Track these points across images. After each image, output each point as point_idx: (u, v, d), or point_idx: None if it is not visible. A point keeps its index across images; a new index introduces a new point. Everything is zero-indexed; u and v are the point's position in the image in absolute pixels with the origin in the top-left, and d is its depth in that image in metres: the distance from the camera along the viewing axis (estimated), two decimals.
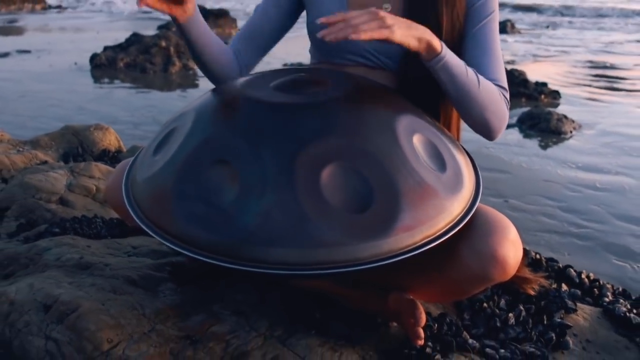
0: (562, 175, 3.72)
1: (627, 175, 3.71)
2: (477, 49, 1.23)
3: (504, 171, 3.74)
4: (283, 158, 0.89)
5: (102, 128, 2.56)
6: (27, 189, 1.69)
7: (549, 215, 3.10)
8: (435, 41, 1.10)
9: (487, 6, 1.25)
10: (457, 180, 0.98)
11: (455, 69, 1.12)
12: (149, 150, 1.05)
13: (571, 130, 4.66)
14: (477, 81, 1.15)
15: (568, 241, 2.81)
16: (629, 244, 2.78)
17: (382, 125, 0.96)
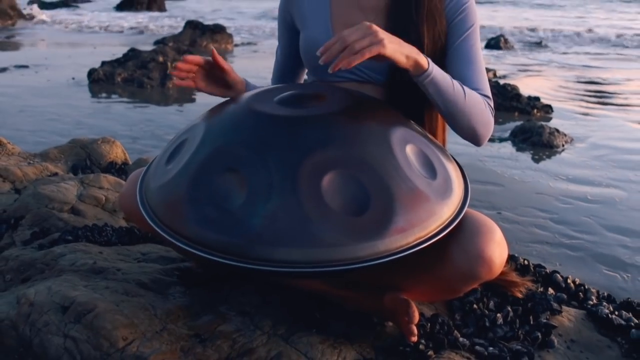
0: (554, 187, 3.79)
1: (617, 188, 3.79)
2: (460, 62, 1.32)
3: (497, 184, 3.81)
4: (287, 166, 0.97)
5: (109, 141, 2.63)
6: (40, 199, 1.76)
7: (541, 226, 3.17)
8: (422, 58, 1.18)
9: (466, 20, 1.34)
10: (447, 186, 1.06)
11: (442, 83, 1.21)
12: (162, 159, 1.13)
13: (563, 143, 4.74)
14: (463, 93, 1.23)
15: (559, 252, 2.88)
16: (618, 255, 2.85)
17: (378, 136, 1.05)
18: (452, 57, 1.33)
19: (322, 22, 1.40)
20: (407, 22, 1.31)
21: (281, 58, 1.57)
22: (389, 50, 1.11)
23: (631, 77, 8.54)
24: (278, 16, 1.54)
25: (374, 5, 1.38)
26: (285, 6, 1.50)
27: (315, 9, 1.42)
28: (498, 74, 8.35)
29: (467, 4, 1.36)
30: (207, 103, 5.98)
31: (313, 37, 1.40)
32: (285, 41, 1.53)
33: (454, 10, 1.34)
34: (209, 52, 6.13)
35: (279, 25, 1.55)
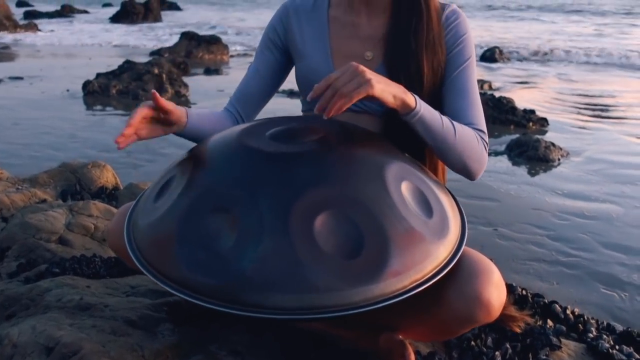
0: (551, 203, 3.77)
1: (613, 203, 3.77)
2: (456, 94, 1.30)
3: (493, 199, 3.79)
4: (279, 206, 0.94)
5: (100, 165, 2.60)
6: (27, 229, 1.72)
7: (538, 243, 3.15)
8: (409, 98, 1.17)
9: (464, 52, 1.33)
10: (443, 225, 1.03)
11: (430, 121, 1.19)
12: (150, 196, 1.10)
13: (559, 157, 4.73)
14: (453, 130, 1.21)
15: (556, 270, 2.86)
16: (616, 273, 2.82)
17: (372, 173, 1.02)
18: (447, 89, 1.32)
19: (321, 52, 1.38)
20: (406, 52, 1.30)
21: (253, 77, 1.49)
22: (377, 91, 1.11)
23: (626, 90, 8.57)
24: (265, 36, 1.50)
25: (372, 35, 1.37)
26: (278, 30, 1.47)
27: (314, 38, 1.40)
28: (493, 86, 8.36)
29: (464, 35, 1.34)
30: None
31: (312, 67, 1.39)
32: (265, 62, 1.48)
33: (452, 42, 1.33)
34: (205, 63, 6.14)
35: (264, 45, 1.49)
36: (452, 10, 1.36)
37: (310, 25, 1.42)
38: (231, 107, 1.50)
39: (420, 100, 1.20)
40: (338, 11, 1.41)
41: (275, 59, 1.47)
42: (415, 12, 1.32)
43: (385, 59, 1.33)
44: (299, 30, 1.42)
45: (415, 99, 1.19)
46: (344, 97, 1.09)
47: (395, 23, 1.34)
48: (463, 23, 1.36)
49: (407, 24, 1.32)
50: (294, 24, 1.43)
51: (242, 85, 1.50)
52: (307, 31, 1.41)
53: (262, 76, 1.48)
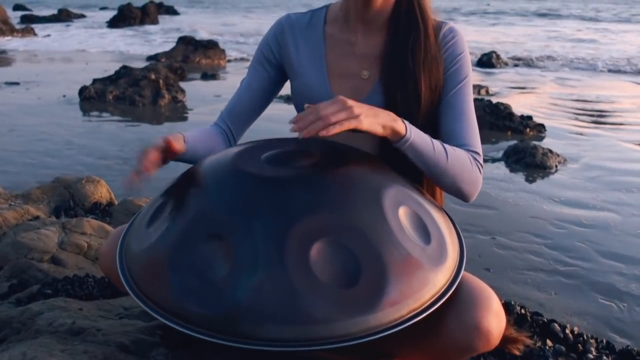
0: (548, 210, 3.76)
1: (611, 211, 3.77)
2: (451, 115, 1.29)
3: (491, 207, 3.77)
4: (274, 234, 0.92)
5: (94, 181, 2.57)
6: (19, 249, 1.70)
7: (536, 253, 3.14)
8: (398, 125, 1.16)
9: (460, 72, 1.31)
10: (441, 251, 1.01)
11: (421, 147, 1.19)
12: (143, 221, 1.08)
13: (556, 164, 4.73)
14: (445, 154, 1.20)
15: (554, 280, 2.84)
16: (614, 283, 2.81)
17: (369, 198, 1.00)
18: (443, 109, 1.30)
19: (317, 71, 1.37)
20: (403, 71, 1.29)
21: (245, 92, 1.47)
22: (366, 124, 1.11)
23: (623, 95, 8.58)
24: (258, 51, 1.48)
25: (369, 53, 1.35)
26: (272, 46, 1.45)
27: (310, 56, 1.39)
28: (490, 91, 8.36)
29: (461, 54, 1.33)
30: (200, 122, 6.02)
31: (308, 85, 1.38)
32: (258, 78, 1.46)
33: (449, 60, 1.32)
34: (202, 68, 6.13)
35: (257, 61, 1.47)
36: (449, 29, 1.34)
37: (306, 42, 1.40)
38: (221, 123, 1.49)
39: (410, 127, 1.18)
40: (334, 29, 1.40)
41: (268, 75, 1.45)
42: (413, 30, 1.30)
43: (381, 78, 1.32)
44: (295, 47, 1.41)
45: (406, 125, 1.18)
46: (329, 124, 1.07)
47: (392, 41, 1.32)
48: (460, 42, 1.34)
49: (404, 42, 1.30)
50: (289, 41, 1.42)
51: (234, 100, 1.48)
52: (302, 49, 1.40)
53: (254, 91, 1.46)
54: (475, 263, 2.98)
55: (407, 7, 1.33)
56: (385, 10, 1.34)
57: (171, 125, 6.22)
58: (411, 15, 1.32)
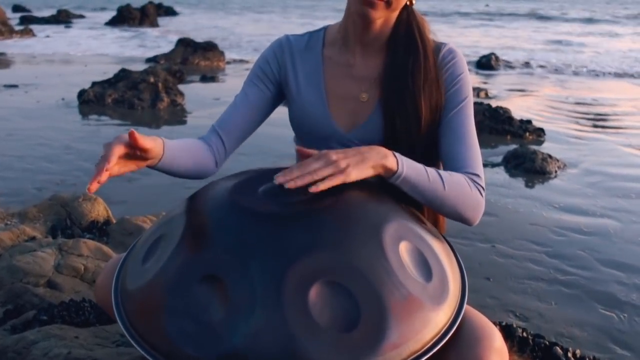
0: (548, 217, 3.76)
1: (611, 218, 3.76)
2: (452, 136, 1.27)
3: (490, 214, 3.76)
4: (271, 275, 0.90)
5: (91, 199, 2.55)
6: (15, 273, 1.68)
7: (536, 261, 3.13)
8: (389, 162, 1.14)
9: (460, 93, 1.30)
10: (443, 288, 0.99)
11: (415, 180, 1.16)
12: (139, 255, 1.06)
13: (556, 169, 4.72)
14: (441, 183, 1.18)
15: (555, 289, 2.84)
16: (614, 292, 2.80)
17: (368, 235, 0.98)
18: (443, 130, 1.29)
19: (316, 94, 1.36)
20: (403, 93, 1.27)
21: (243, 107, 1.42)
22: (354, 177, 1.08)
23: (623, 97, 8.58)
24: (257, 67, 1.44)
25: (368, 75, 1.34)
26: (271, 64, 1.42)
27: (309, 79, 1.37)
28: (490, 94, 8.36)
29: (461, 74, 1.32)
30: (199, 125, 5.97)
31: (307, 109, 1.36)
32: (255, 93, 1.42)
33: (449, 81, 1.30)
34: (201, 69, 6.08)
35: (255, 76, 1.43)
36: (449, 50, 1.33)
37: (304, 65, 1.39)
38: (213, 136, 1.41)
39: (402, 160, 1.16)
40: (332, 51, 1.39)
41: (266, 92, 1.42)
42: (412, 52, 1.29)
43: (381, 100, 1.31)
44: (293, 69, 1.39)
45: (397, 159, 1.15)
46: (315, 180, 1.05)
47: (391, 64, 1.31)
48: (460, 62, 1.33)
49: (403, 64, 1.29)
50: (288, 62, 1.40)
51: (229, 114, 1.42)
52: (301, 71, 1.39)
53: (252, 107, 1.42)
54: (475, 272, 2.97)
55: (406, 30, 1.32)
56: (384, 32, 1.33)
57: (170, 128, 6.21)
58: (410, 38, 1.31)
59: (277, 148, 4.86)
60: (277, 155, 4.85)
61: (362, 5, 1.24)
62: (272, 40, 1.48)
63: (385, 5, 1.24)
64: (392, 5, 1.25)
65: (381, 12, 1.25)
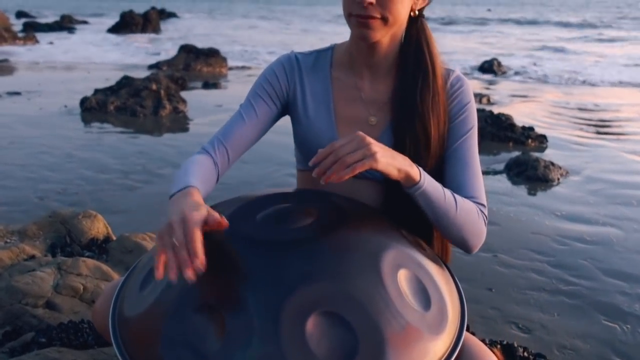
0: (550, 226, 3.74)
1: (614, 226, 3.75)
2: (457, 165, 1.28)
3: (492, 222, 3.75)
4: (268, 306, 0.89)
5: (91, 216, 2.53)
6: (14, 294, 1.67)
7: (538, 271, 3.11)
8: (413, 171, 1.14)
9: (467, 122, 1.30)
10: (442, 316, 0.99)
11: (433, 195, 1.17)
12: (137, 282, 1.06)
13: (558, 177, 4.70)
14: (454, 204, 1.18)
15: (557, 300, 2.82)
16: (618, 303, 2.79)
17: (367, 263, 0.98)
18: (449, 159, 1.29)
19: (325, 116, 1.34)
20: (412, 115, 1.26)
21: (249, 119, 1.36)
22: (382, 165, 1.08)
23: (625, 103, 8.56)
24: (264, 81, 1.39)
25: (376, 99, 1.33)
26: (280, 79, 1.38)
27: (317, 101, 1.35)
28: (491, 100, 8.35)
29: (468, 104, 1.31)
30: (200, 133, 5.95)
31: (315, 132, 1.34)
32: (261, 107, 1.37)
33: (457, 109, 1.30)
34: (204, 76, 6.06)
35: (262, 90, 1.38)
36: (457, 77, 1.32)
37: (312, 84, 1.36)
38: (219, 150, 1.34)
39: (424, 174, 1.16)
40: (340, 72, 1.36)
41: (272, 108, 1.38)
42: (422, 70, 1.28)
43: (390, 123, 1.30)
44: (301, 88, 1.37)
45: (420, 172, 1.16)
46: (346, 167, 1.05)
47: (400, 85, 1.30)
48: (467, 90, 1.32)
49: (413, 84, 1.28)
50: (297, 80, 1.37)
51: (235, 127, 1.36)
52: (308, 91, 1.36)
53: (258, 121, 1.37)
54: (477, 282, 2.96)
55: (415, 48, 1.30)
56: (391, 54, 1.31)
57: (172, 136, 6.21)
58: (419, 55, 1.29)
59: (278, 155, 4.86)
60: (278, 163, 4.85)
61: (359, 28, 1.22)
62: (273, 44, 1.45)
63: (382, 23, 1.21)
64: (389, 21, 1.21)
65: (380, 31, 1.22)
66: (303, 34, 22.48)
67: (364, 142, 1.07)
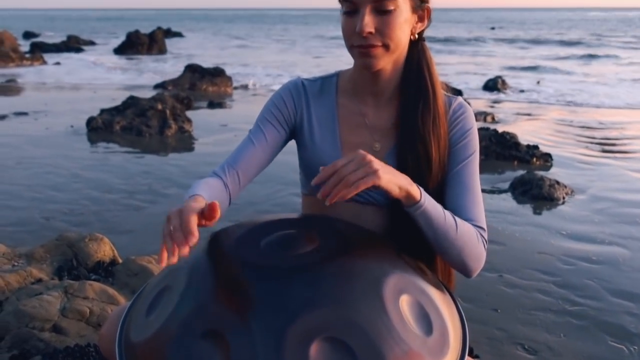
0: (556, 246, 3.73)
1: (620, 246, 3.73)
2: (457, 189, 1.29)
3: (498, 242, 3.74)
4: (272, 333, 0.90)
5: (97, 239, 2.55)
6: (21, 317, 1.69)
7: (544, 291, 3.10)
8: (414, 190, 1.15)
9: (468, 147, 1.31)
10: (444, 341, 0.99)
11: (433, 215, 1.18)
12: (143, 307, 1.07)
13: (564, 195, 4.70)
14: (455, 226, 1.19)
15: (563, 320, 2.81)
16: (624, 324, 2.77)
17: (369, 289, 0.98)
18: (450, 182, 1.30)
19: (330, 140, 1.36)
20: (414, 139, 1.28)
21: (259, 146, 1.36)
22: (384, 181, 1.09)
23: (629, 121, 8.57)
24: (273, 108, 1.39)
25: (380, 125, 1.35)
26: (288, 105, 1.39)
27: (324, 127, 1.37)
28: (496, 118, 8.38)
29: (470, 129, 1.33)
30: (207, 153, 5.97)
31: (321, 154, 1.35)
32: (271, 132, 1.38)
33: (459, 135, 1.32)
34: (209, 95, 6.10)
35: (272, 114, 1.38)
36: (459, 104, 1.34)
37: (318, 110, 1.38)
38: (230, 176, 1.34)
39: (424, 193, 1.18)
40: (345, 98, 1.38)
41: (282, 133, 1.39)
42: (423, 93, 1.30)
43: (393, 148, 1.32)
44: (307, 113, 1.38)
45: (420, 191, 1.17)
46: (349, 186, 1.06)
47: (403, 110, 1.32)
48: (470, 116, 1.34)
49: (414, 107, 1.30)
50: (304, 106, 1.39)
51: (246, 152, 1.36)
52: (315, 117, 1.38)
53: (269, 146, 1.38)
54: (483, 303, 2.95)
55: (417, 70, 1.32)
56: (394, 80, 1.33)
57: (177, 155, 6.24)
58: (420, 78, 1.31)
59: (283, 175, 4.88)
60: (283, 182, 4.86)
61: (362, 58, 1.24)
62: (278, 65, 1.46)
63: (384, 50, 1.23)
64: (390, 48, 1.23)
65: (382, 58, 1.24)
66: (306, 55, 22.66)
67: (365, 160, 1.08)
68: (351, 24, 1.21)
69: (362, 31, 1.18)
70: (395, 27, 1.21)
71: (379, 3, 1.19)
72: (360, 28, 1.18)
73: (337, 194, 1.06)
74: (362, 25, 1.18)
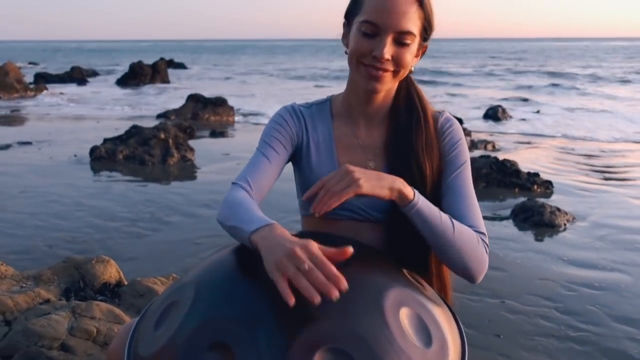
0: (558, 272, 3.74)
1: (622, 272, 3.74)
2: (453, 197, 1.32)
3: (499, 269, 3.75)
4: (277, 345, 0.93)
5: (103, 261, 2.58)
6: (30, 336, 1.71)
7: (546, 317, 3.10)
8: (406, 189, 1.20)
9: (460, 156, 1.36)
10: (443, 352, 1.02)
11: (428, 214, 1.21)
12: (151, 322, 1.09)
13: (565, 222, 4.71)
14: (452, 226, 1.22)
15: (566, 346, 2.81)
16: (626, 349, 2.77)
17: (370, 302, 1.01)
18: (445, 192, 1.34)
19: (328, 161, 1.40)
20: (407, 156, 1.33)
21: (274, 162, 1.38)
22: (366, 189, 1.15)
23: (627, 149, 8.62)
24: (275, 126, 1.41)
25: (373, 144, 1.40)
26: (293, 125, 1.42)
27: (321, 147, 1.42)
28: (497, 146, 8.43)
29: (460, 140, 1.38)
30: (209, 181, 6.00)
31: (319, 175, 1.34)
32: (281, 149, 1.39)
33: (449, 147, 1.36)
34: (211, 125, 6.18)
35: (279, 132, 1.40)
36: (446, 118, 1.40)
37: (314, 134, 1.43)
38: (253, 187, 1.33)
39: (418, 194, 1.21)
40: (339, 121, 1.44)
41: (289, 151, 1.42)
42: (413, 114, 1.36)
43: (387, 167, 1.36)
44: (306, 136, 1.43)
45: (414, 191, 1.21)
46: (334, 196, 1.13)
47: (395, 130, 1.38)
48: (457, 129, 1.40)
49: (406, 127, 1.36)
50: (303, 129, 1.44)
51: (260, 168, 1.36)
52: (312, 140, 1.42)
53: (279, 164, 1.39)
54: (485, 329, 2.95)
55: (407, 97, 1.39)
56: (386, 103, 1.40)
57: (180, 184, 6.28)
58: (411, 101, 1.38)
59: (284, 203, 4.90)
60: (285, 210, 4.89)
61: (369, 80, 1.29)
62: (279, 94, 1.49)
63: (392, 76, 1.30)
64: (399, 74, 1.30)
65: (388, 83, 1.31)
66: (309, 86, 22.88)
67: (347, 172, 1.15)
68: (367, 45, 1.26)
69: (381, 56, 1.24)
70: (407, 58, 1.28)
71: (401, 35, 1.25)
72: (380, 54, 1.24)
73: (323, 205, 1.13)
74: (384, 52, 1.24)
